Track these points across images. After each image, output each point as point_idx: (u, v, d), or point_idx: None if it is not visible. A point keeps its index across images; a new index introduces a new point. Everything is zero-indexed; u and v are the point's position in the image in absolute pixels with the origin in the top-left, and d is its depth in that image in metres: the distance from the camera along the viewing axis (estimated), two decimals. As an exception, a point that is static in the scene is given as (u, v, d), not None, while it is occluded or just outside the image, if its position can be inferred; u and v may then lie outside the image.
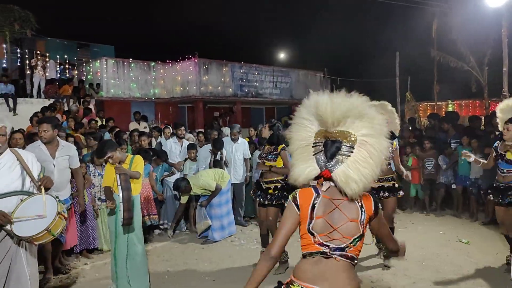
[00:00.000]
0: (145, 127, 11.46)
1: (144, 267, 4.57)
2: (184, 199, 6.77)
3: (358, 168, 2.00)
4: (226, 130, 9.62)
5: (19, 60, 16.14)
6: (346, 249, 2.03)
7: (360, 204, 2.07)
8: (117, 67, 16.29)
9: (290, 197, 2.16)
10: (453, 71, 17.80)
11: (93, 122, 10.19)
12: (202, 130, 11.10)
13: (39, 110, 10.52)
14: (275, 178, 5.12)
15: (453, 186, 8.06)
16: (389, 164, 5.22)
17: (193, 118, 17.38)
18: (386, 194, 5.21)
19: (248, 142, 8.24)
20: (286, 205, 2.23)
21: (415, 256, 5.56)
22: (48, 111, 10.61)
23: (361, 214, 2.06)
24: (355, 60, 23.60)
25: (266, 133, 5.43)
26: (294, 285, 2.09)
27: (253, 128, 9.87)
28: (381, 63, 21.73)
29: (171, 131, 8.05)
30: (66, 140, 6.54)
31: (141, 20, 25.51)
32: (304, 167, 2.11)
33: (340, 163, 2.03)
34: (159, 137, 8.54)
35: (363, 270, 5.14)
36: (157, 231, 7.01)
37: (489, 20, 12.99)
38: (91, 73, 16.51)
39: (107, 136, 8.77)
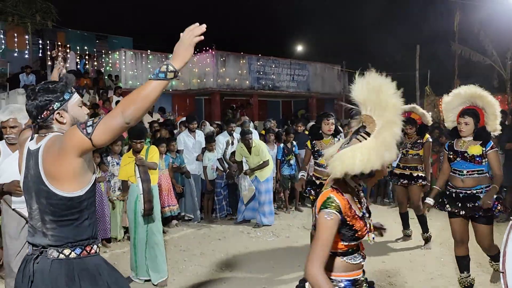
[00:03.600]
0: (158, 119, 11.53)
1: (162, 256, 4.63)
2: (239, 156, 7.04)
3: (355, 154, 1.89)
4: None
5: (40, 51, 16.39)
6: None
7: None
8: (135, 59, 16.42)
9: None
10: (475, 65, 17.45)
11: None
12: (219, 122, 11.14)
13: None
14: None
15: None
16: (417, 154, 5.69)
17: (210, 110, 17.43)
18: (406, 181, 5.73)
19: (263, 134, 8.33)
20: None
21: (433, 252, 5.51)
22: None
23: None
24: (374, 53, 23.30)
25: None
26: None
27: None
28: (401, 57, 21.41)
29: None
30: None
31: (158, 11, 25.61)
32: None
33: (345, 146, 1.98)
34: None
35: (379, 265, 5.12)
36: (174, 222, 7.09)
37: (512, 13, 12.70)
38: (110, 65, 16.68)
39: None
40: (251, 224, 7.10)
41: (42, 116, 1.96)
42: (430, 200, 4.22)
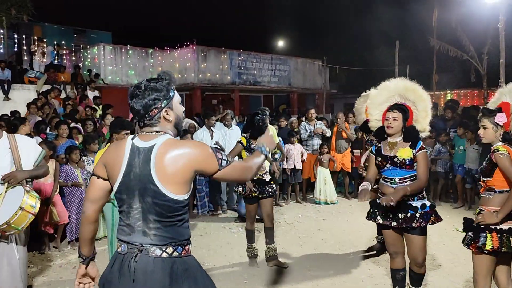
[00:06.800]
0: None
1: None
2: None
3: None
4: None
5: (16, 45, 16.01)
6: None
7: None
8: (115, 54, 16.19)
9: (505, 151, 2.95)
10: (453, 60, 17.76)
11: (88, 109, 10.11)
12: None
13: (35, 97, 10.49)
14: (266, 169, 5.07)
15: (450, 176, 8.11)
16: None
17: (191, 106, 17.33)
18: (375, 185, 5.25)
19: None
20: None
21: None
22: (42, 98, 10.55)
23: None
24: (354, 49, 23.50)
25: None
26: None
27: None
28: (380, 52, 21.63)
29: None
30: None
31: (138, 6, 25.27)
32: None
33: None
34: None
35: (360, 256, 5.20)
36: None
37: (489, 9, 12.93)
38: (88, 60, 16.40)
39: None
40: (232, 220, 7.10)
41: (150, 114, 1.98)
42: (365, 185, 3.48)
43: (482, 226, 3.02)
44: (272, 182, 5.04)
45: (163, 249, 1.91)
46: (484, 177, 3.13)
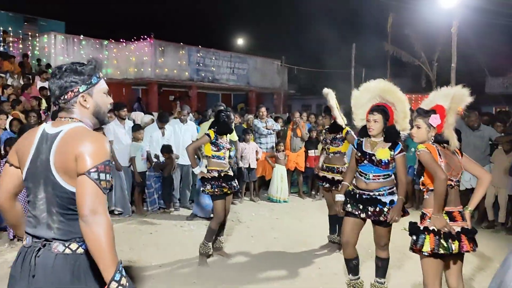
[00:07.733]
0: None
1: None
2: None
3: None
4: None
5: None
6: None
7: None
8: (67, 44, 15.53)
9: (424, 148, 2.97)
10: (405, 65, 18.35)
11: (32, 99, 9.57)
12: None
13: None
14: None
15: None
16: (339, 152, 5.21)
17: (147, 101, 16.92)
18: (328, 185, 5.26)
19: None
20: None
21: (361, 243, 5.65)
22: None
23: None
24: (312, 50, 23.78)
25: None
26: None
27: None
28: (338, 54, 21.99)
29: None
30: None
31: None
32: None
33: None
34: None
35: (311, 255, 5.20)
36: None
37: (440, 18, 13.45)
38: (37, 49, 15.62)
39: None
40: (184, 218, 6.94)
41: (66, 97, 1.87)
42: (340, 197, 3.90)
43: (422, 228, 3.06)
44: (235, 178, 5.09)
45: (66, 245, 1.79)
46: (418, 179, 3.25)
